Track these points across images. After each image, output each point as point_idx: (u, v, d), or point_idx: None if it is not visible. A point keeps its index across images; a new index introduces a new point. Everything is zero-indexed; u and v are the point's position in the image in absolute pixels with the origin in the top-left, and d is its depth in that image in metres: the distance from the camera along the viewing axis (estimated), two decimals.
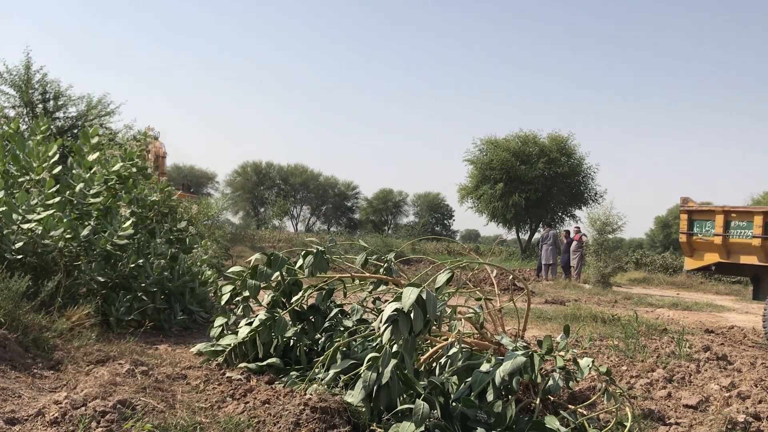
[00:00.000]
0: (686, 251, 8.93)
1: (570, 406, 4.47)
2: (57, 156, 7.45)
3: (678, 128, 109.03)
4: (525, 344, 4.71)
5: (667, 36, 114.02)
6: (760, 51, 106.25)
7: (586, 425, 4.00)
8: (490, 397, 3.94)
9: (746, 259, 8.10)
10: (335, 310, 5.64)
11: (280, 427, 3.61)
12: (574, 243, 21.34)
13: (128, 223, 6.95)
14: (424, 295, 3.91)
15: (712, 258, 8.54)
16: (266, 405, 4.03)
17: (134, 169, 8.08)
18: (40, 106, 22.52)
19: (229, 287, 5.78)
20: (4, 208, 6.14)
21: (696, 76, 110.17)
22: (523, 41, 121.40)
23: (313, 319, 5.63)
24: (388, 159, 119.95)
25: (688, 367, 6.32)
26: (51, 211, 6.44)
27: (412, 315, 3.85)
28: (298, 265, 5.41)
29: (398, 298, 3.93)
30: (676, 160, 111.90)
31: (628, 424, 4.08)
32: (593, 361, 4.34)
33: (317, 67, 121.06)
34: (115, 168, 7.76)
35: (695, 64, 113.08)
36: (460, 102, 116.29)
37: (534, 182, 35.60)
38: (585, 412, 4.39)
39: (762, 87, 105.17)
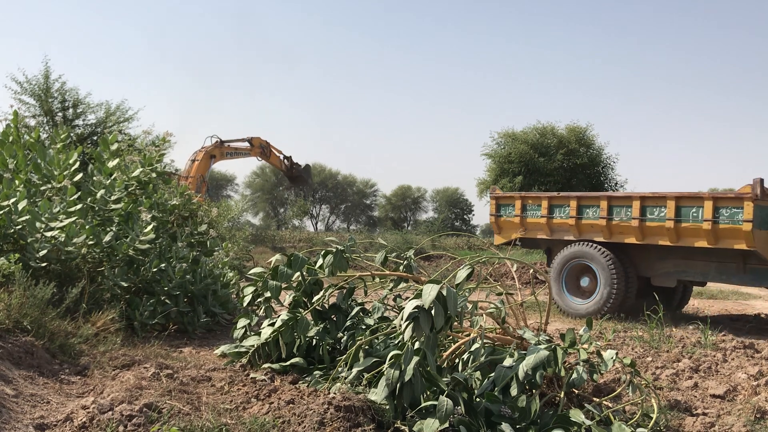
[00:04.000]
0: (495, 230, 10.91)
1: (595, 398, 4.45)
2: (77, 163, 7.54)
3: (700, 114, 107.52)
4: (548, 338, 4.69)
5: (690, 17, 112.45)
6: None
7: (612, 418, 3.98)
8: (513, 391, 3.93)
9: (539, 235, 10.13)
10: (356, 309, 5.65)
11: (305, 426, 3.63)
12: None
13: (149, 227, 7.01)
14: (444, 292, 3.90)
15: (515, 234, 10.33)
16: (291, 405, 4.05)
17: (154, 174, 8.15)
18: (60, 114, 22.77)
19: (251, 288, 5.82)
20: (27, 217, 6.22)
21: (720, 59, 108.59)
22: (537, 31, 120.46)
23: (334, 318, 5.65)
24: (405, 155, 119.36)
25: (714, 356, 6.25)
26: (73, 218, 6.52)
27: (433, 312, 3.85)
28: (319, 264, 5.43)
29: (419, 295, 3.93)
30: (697, 147, 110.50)
31: (654, 416, 4.05)
32: (617, 353, 4.32)
33: (331, 65, 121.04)
34: (135, 174, 7.83)
35: (717, 47, 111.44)
36: (477, 96, 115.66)
37: (553, 174, 35.31)
38: (610, 405, 4.37)
39: None
